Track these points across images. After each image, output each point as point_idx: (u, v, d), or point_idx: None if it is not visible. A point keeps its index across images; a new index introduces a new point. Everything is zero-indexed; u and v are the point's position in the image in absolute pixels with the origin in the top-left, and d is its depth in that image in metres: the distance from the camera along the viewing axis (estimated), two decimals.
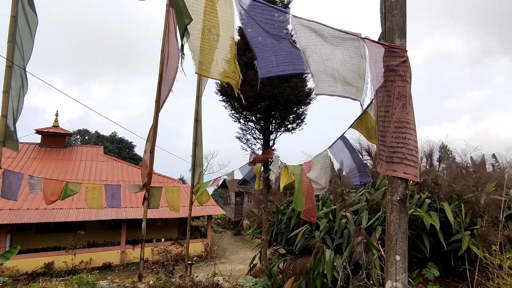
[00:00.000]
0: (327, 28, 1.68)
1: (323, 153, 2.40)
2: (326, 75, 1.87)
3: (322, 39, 1.77)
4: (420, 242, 4.80)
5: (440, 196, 4.88)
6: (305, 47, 1.80)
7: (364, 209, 4.53)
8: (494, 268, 4.10)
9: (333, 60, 1.81)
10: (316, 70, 1.87)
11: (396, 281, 1.41)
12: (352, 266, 4.13)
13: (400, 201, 1.51)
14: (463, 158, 6.69)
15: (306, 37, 1.76)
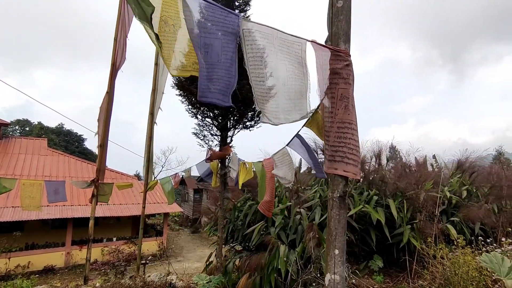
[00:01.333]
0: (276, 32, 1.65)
1: (282, 150, 2.47)
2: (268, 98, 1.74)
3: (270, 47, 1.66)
4: (367, 236, 5.13)
5: (386, 193, 5.25)
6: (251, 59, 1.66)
7: (318, 205, 4.72)
8: (429, 258, 4.52)
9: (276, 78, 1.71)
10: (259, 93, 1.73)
11: (335, 273, 1.50)
12: (304, 260, 4.30)
13: (340, 198, 1.59)
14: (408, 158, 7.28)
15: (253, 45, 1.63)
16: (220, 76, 1.66)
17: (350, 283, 4.22)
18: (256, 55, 1.64)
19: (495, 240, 5.38)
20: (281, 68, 1.70)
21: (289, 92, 1.75)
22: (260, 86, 1.70)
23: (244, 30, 1.58)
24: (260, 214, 4.81)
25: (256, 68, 1.66)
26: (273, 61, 1.67)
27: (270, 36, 1.64)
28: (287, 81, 1.73)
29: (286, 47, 1.67)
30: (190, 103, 4.14)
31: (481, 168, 6.83)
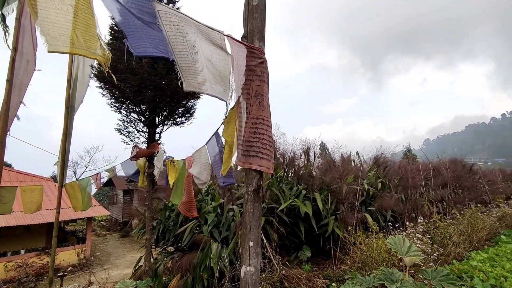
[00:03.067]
0: (193, 21, 1.64)
1: (202, 148, 2.42)
2: (194, 70, 1.79)
3: (190, 29, 1.68)
4: (297, 228, 5.44)
5: (314, 188, 5.64)
6: (172, 37, 1.66)
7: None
8: (350, 244, 5.00)
9: (201, 53, 1.76)
10: (184, 64, 1.75)
11: (250, 265, 1.55)
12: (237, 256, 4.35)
13: (255, 192, 1.65)
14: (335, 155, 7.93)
15: (172, 25, 1.63)
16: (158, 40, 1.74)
17: (281, 274, 4.42)
18: (177, 34, 1.67)
19: (402, 224, 6.17)
20: (204, 47, 1.75)
21: (214, 69, 1.82)
22: (185, 59, 1.76)
23: (159, 11, 1.58)
24: None
25: (178, 44, 1.69)
26: (195, 40, 1.72)
27: (187, 21, 1.66)
28: (212, 58, 1.80)
29: (205, 33, 1.70)
30: (112, 97, 3.79)
31: (392, 163, 7.78)
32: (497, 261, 5.43)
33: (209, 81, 1.84)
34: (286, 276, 4.43)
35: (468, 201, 9.30)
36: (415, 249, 3.33)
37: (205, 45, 1.73)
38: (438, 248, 5.27)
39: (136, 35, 1.65)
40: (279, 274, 4.36)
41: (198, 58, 1.75)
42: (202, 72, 1.80)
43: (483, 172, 12.82)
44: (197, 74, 1.79)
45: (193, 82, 1.80)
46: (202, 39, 1.70)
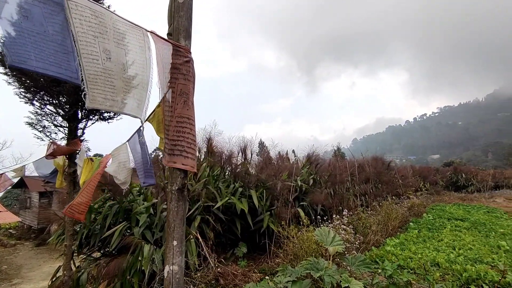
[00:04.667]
0: (111, 14, 1.48)
1: (123, 146, 2.27)
2: (104, 81, 1.52)
3: (105, 30, 1.47)
4: (233, 225, 5.52)
5: (250, 185, 5.78)
6: (81, 35, 1.40)
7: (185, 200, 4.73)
8: (284, 238, 5.25)
9: (114, 61, 1.53)
10: (91, 71, 1.47)
11: (173, 264, 1.54)
12: None
13: (179, 191, 1.65)
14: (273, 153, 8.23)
15: (83, 21, 1.39)
16: (52, 49, 1.35)
17: (216, 272, 4.44)
18: (88, 32, 1.44)
19: (330, 217, 6.68)
20: (120, 52, 1.57)
21: (130, 77, 1.62)
22: (93, 65, 1.50)
23: (69, 2, 1.36)
24: (124, 214, 4.44)
25: (87, 45, 1.45)
26: (109, 42, 1.51)
27: (104, 16, 1.48)
28: (129, 63, 1.61)
29: (124, 32, 1.55)
30: (22, 85, 3.28)
31: (323, 161, 8.39)
32: (406, 245, 6.27)
33: (121, 94, 1.60)
34: (221, 273, 4.47)
35: (386, 194, 10.53)
36: (338, 239, 3.67)
37: (120, 50, 1.56)
38: (359, 237, 5.85)
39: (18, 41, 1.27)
40: (215, 271, 4.37)
41: (110, 65, 1.53)
42: (113, 83, 1.56)
43: (398, 168, 14.66)
44: (106, 86, 1.54)
45: (100, 96, 1.52)
46: (118, 40, 1.54)
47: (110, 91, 1.58)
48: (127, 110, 1.64)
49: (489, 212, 10.99)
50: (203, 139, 5.67)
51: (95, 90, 1.52)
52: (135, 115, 1.67)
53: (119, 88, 1.60)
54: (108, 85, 1.57)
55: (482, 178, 19.98)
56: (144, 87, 1.64)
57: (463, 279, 4.31)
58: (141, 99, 1.65)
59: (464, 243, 6.30)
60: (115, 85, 1.59)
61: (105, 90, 1.56)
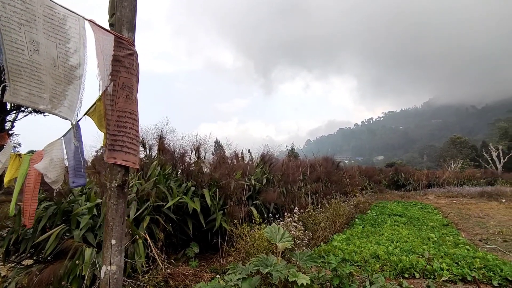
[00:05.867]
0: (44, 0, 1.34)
1: (57, 141, 2.09)
2: (30, 74, 1.37)
3: (32, 18, 1.32)
4: (185, 225, 5.41)
5: (203, 184, 5.72)
6: (4, 21, 1.25)
7: (134, 200, 4.52)
8: (236, 237, 5.29)
9: (43, 54, 1.38)
10: (15, 62, 1.32)
11: (111, 264, 1.48)
12: None
13: (119, 187, 1.59)
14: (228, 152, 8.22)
15: (7, 4, 1.23)
16: None
17: (166, 273, 4.31)
18: (12, 17, 1.29)
19: (282, 215, 6.89)
20: (50, 45, 1.42)
21: (61, 73, 1.48)
22: (18, 56, 1.34)
23: None
24: (62, 216, 4.10)
25: (11, 32, 1.29)
26: (37, 33, 1.37)
27: (32, 2, 1.33)
28: (59, 63, 1.46)
29: (58, 23, 1.41)
30: None
31: (276, 160, 8.61)
32: (351, 240, 6.69)
33: (49, 92, 1.45)
34: (171, 274, 4.35)
35: (335, 193, 11.14)
36: (287, 236, 3.80)
37: (51, 43, 1.42)
38: (309, 234, 6.11)
39: None
40: (164, 273, 4.25)
41: (39, 58, 1.38)
42: (41, 79, 1.42)
43: (346, 168, 15.59)
44: (33, 80, 1.38)
45: (23, 91, 1.37)
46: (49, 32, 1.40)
47: (36, 87, 1.43)
48: (56, 110, 1.50)
49: (422, 208, 12.20)
50: (154, 136, 5.47)
51: (18, 83, 1.37)
52: (65, 117, 1.54)
53: (48, 85, 1.45)
54: (35, 79, 1.42)
55: (418, 177, 22.13)
56: (76, 88, 1.51)
57: (399, 268, 4.73)
58: (72, 100, 1.53)
59: (401, 236, 6.90)
60: (43, 81, 1.44)
61: (30, 85, 1.42)
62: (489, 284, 4.22)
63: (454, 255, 5.20)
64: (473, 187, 20.23)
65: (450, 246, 6.04)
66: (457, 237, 7.06)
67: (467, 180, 24.86)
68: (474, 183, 23.86)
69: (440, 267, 4.60)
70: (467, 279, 4.28)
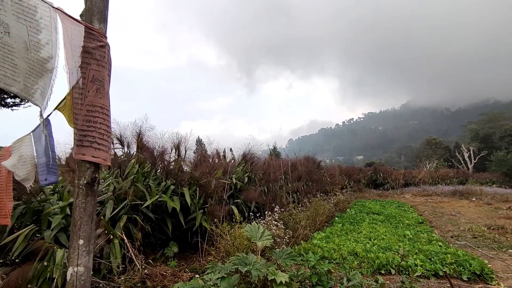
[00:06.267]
0: None
1: (26, 137, 1.98)
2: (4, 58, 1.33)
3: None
4: (164, 224, 5.31)
5: (183, 183, 5.63)
6: None
7: (110, 199, 4.39)
8: (217, 236, 5.24)
9: (15, 37, 1.33)
10: None
11: (78, 265, 1.42)
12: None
13: (88, 185, 1.53)
14: (210, 150, 8.14)
15: None
16: None
17: (143, 273, 4.21)
18: None
19: (263, 214, 6.90)
20: (21, 28, 1.37)
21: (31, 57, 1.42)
22: None
23: None
24: (32, 216, 3.91)
25: None
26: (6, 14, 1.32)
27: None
28: (32, 47, 1.41)
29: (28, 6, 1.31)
30: None
31: (258, 159, 8.62)
32: (331, 238, 6.80)
33: (23, 76, 1.40)
34: (149, 275, 4.26)
35: (316, 191, 11.30)
36: (267, 234, 3.81)
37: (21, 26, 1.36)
38: (289, 232, 6.16)
39: None
40: (141, 273, 4.15)
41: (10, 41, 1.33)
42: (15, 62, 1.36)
43: (327, 167, 15.85)
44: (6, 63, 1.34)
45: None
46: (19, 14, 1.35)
47: (10, 70, 1.38)
48: (29, 94, 1.44)
49: (399, 207, 12.60)
50: (133, 133, 5.32)
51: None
52: (36, 103, 1.47)
53: (22, 69, 1.40)
54: (8, 62, 1.37)
55: (395, 177, 22.82)
56: (48, 74, 1.45)
57: (376, 265, 4.85)
58: (45, 87, 1.46)
59: (378, 234, 7.08)
60: (16, 64, 1.39)
61: (4, 67, 1.37)
62: (459, 279, 4.41)
63: (427, 252, 5.39)
64: (446, 186, 21.13)
65: (424, 243, 6.26)
66: (431, 234, 7.34)
67: (441, 179, 25.97)
68: (447, 182, 24.95)
69: (415, 263, 4.76)
70: (439, 274, 4.45)
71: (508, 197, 15.73)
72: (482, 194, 16.62)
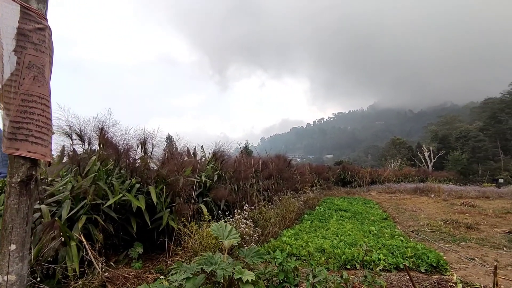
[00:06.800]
0: None
1: None
2: None
3: None
4: (128, 224, 5.08)
5: (149, 181, 5.41)
6: None
7: (67, 198, 4.11)
8: (185, 235, 5.11)
9: None
10: None
11: (9, 273, 1.27)
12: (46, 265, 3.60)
13: (22, 183, 1.38)
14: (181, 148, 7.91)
15: None
16: None
17: (103, 277, 3.99)
18: None
19: (233, 212, 6.84)
20: None
21: None
22: None
23: None
24: None
25: None
26: None
27: None
28: None
29: None
30: None
31: (229, 157, 8.53)
32: (299, 235, 6.89)
33: None
34: (110, 278, 4.05)
35: (286, 189, 11.42)
36: (234, 233, 3.75)
37: None
38: (258, 230, 6.15)
39: None
40: (101, 277, 3.93)
41: None
42: None
43: (298, 166, 16.10)
44: None
45: None
46: None
47: None
48: None
49: (365, 203, 13.09)
50: (95, 129, 5.01)
51: None
52: None
53: None
54: None
55: (362, 175, 23.73)
56: None
57: (342, 260, 4.98)
58: None
59: (345, 230, 7.28)
60: None
61: None
62: (417, 271, 4.65)
63: (390, 246, 5.63)
64: (409, 184, 22.34)
65: (387, 238, 6.53)
66: (394, 229, 7.68)
67: (404, 177, 27.42)
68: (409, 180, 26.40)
69: (378, 257, 4.94)
70: (400, 267, 4.66)
71: (462, 194, 16.97)
72: (440, 191, 17.77)
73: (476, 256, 5.58)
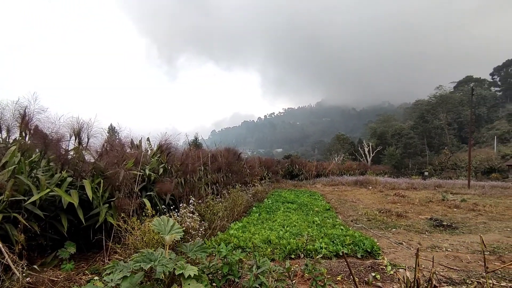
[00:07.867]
0: None
1: None
2: None
3: None
4: (58, 222, 4.57)
5: (83, 174, 4.93)
6: None
7: None
8: (125, 232, 4.77)
9: None
10: None
11: None
12: None
13: None
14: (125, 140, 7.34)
15: None
16: None
17: (24, 282, 3.53)
18: None
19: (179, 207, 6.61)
20: None
21: None
22: None
23: None
24: None
25: None
26: None
27: None
28: None
29: None
30: None
31: (176, 149, 8.20)
32: (247, 227, 6.91)
33: None
34: (32, 283, 3.61)
35: (235, 183, 11.41)
36: (177, 227, 3.59)
37: None
38: (205, 224, 6.03)
39: None
40: (22, 283, 3.47)
41: None
42: None
43: (248, 159, 16.22)
44: None
45: None
46: None
47: None
48: None
49: (311, 195, 13.71)
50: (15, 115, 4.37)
51: None
52: None
53: None
54: None
55: (309, 168, 24.85)
56: None
57: (287, 251, 5.12)
58: None
59: (291, 222, 7.51)
60: None
61: None
62: (354, 257, 4.98)
63: (331, 235, 5.95)
64: (350, 177, 24.00)
65: (329, 227, 6.89)
66: (335, 219, 8.16)
67: (346, 171, 29.40)
68: (351, 174, 28.40)
69: (320, 246, 5.19)
70: (340, 254, 4.94)
71: (395, 185, 18.77)
72: (376, 183, 19.44)
73: (403, 241, 6.18)
